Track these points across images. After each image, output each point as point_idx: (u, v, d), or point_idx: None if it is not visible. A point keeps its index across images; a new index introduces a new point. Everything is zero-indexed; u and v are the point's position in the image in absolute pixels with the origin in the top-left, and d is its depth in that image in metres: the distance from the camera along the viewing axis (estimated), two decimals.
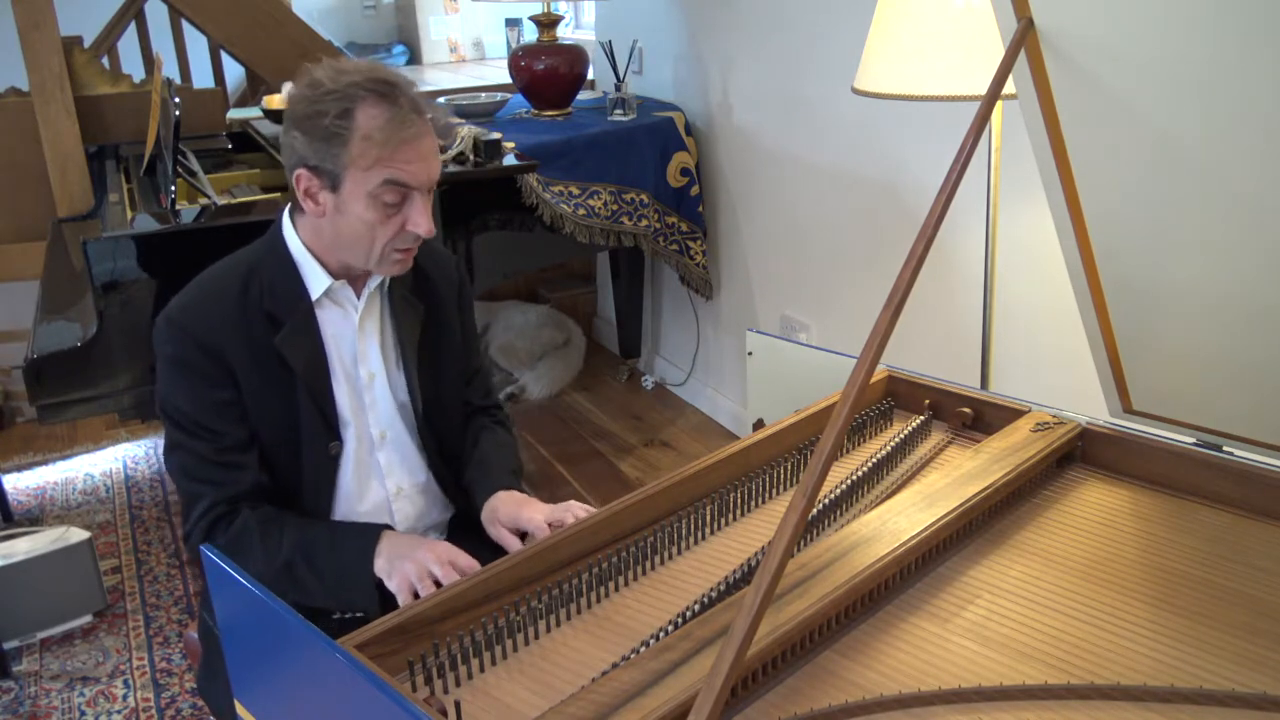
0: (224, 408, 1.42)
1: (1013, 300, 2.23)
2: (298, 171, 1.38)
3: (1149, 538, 1.23)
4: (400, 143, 1.34)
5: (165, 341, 1.42)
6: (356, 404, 1.51)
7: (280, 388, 1.44)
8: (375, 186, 1.35)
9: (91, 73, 3.23)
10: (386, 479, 1.56)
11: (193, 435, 1.42)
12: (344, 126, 1.33)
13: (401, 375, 1.55)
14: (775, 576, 0.88)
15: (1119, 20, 1.09)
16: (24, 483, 3.28)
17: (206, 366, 1.40)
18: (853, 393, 0.99)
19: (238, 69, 3.90)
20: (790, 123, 2.92)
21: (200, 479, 1.42)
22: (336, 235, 1.41)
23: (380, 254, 1.41)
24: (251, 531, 1.41)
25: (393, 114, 1.34)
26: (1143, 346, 1.38)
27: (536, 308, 3.96)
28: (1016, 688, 0.96)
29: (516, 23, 4.35)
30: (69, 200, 2.94)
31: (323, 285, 1.45)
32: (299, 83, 1.39)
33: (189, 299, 1.44)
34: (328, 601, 1.42)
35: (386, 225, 1.38)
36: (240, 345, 1.42)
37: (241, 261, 1.48)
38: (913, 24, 1.73)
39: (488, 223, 2.85)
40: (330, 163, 1.35)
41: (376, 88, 1.34)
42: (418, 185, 1.38)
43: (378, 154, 1.34)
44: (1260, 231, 1.15)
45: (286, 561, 1.39)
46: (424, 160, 1.38)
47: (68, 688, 2.34)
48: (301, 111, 1.36)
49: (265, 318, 1.43)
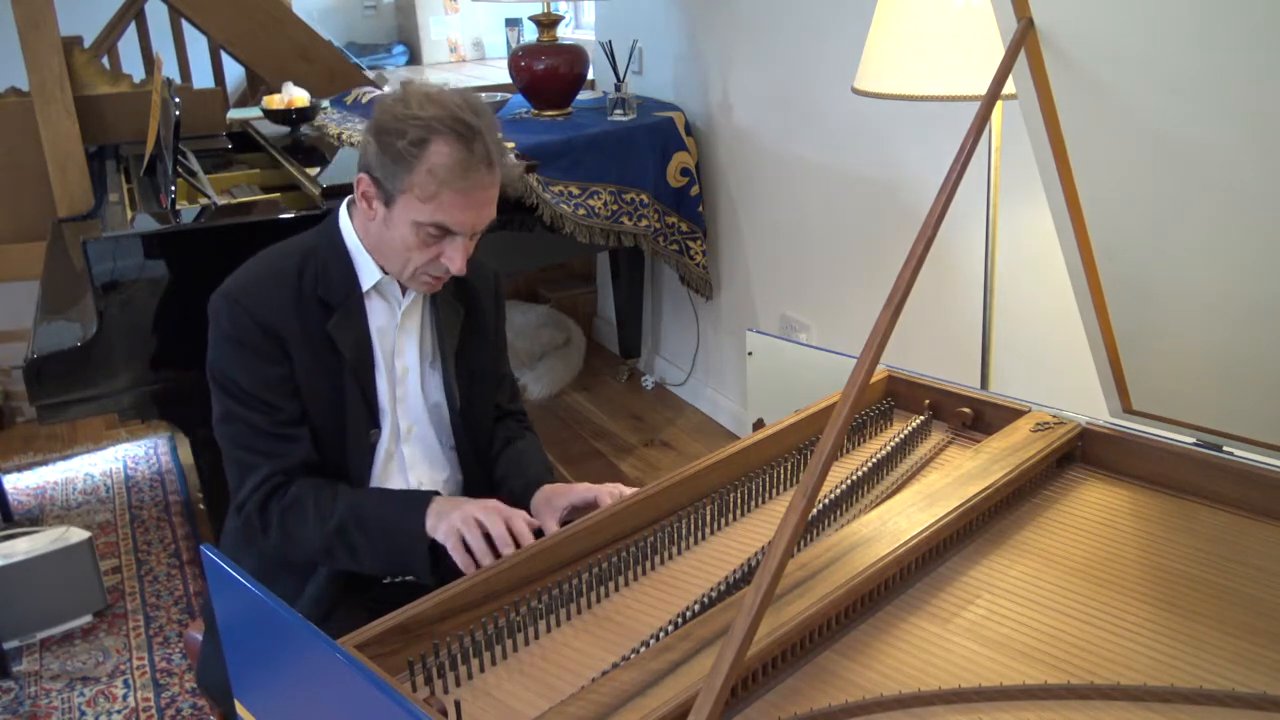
0: (279, 383, 1.46)
1: (1013, 300, 2.23)
2: (361, 175, 1.43)
3: (1149, 538, 1.23)
4: (460, 189, 1.38)
5: (224, 318, 1.45)
6: (391, 396, 1.55)
7: (329, 371, 1.48)
8: (423, 219, 1.39)
9: (91, 73, 3.23)
10: (409, 473, 1.58)
11: (249, 407, 1.45)
12: (414, 154, 1.36)
13: (436, 374, 1.59)
14: (775, 576, 0.88)
15: (1119, 20, 1.09)
16: (24, 483, 3.28)
17: (263, 344, 1.44)
18: (853, 393, 0.99)
19: (238, 69, 3.90)
20: (790, 123, 2.92)
21: (256, 450, 1.45)
22: (380, 241, 1.47)
23: (411, 274, 1.46)
24: (306, 498, 1.44)
25: (463, 159, 1.37)
26: (1143, 346, 1.38)
27: (536, 308, 3.96)
28: (1016, 688, 0.96)
29: (516, 23, 4.35)
30: (69, 200, 2.94)
31: (373, 278, 1.50)
32: (391, 93, 1.43)
33: (247, 278, 1.48)
34: (380, 565, 1.44)
35: (423, 252, 1.42)
36: (295, 326, 1.46)
37: (298, 246, 1.52)
38: (913, 24, 1.73)
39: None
40: (391, 181, 1.39)
41: (458, 128, 1.37)
42: (461, 231, 1.42)
43: (435, 190, 1.37)
44: (1260, 231, 1.15)
45: (339, 525, 1.42)
46: (477, 210, 1.41)
47: (68, 688, 2.34)
48: (384, 123, 1.39)
49: (318, 303, 1.47)
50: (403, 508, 1.42)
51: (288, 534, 1.43)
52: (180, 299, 2.27)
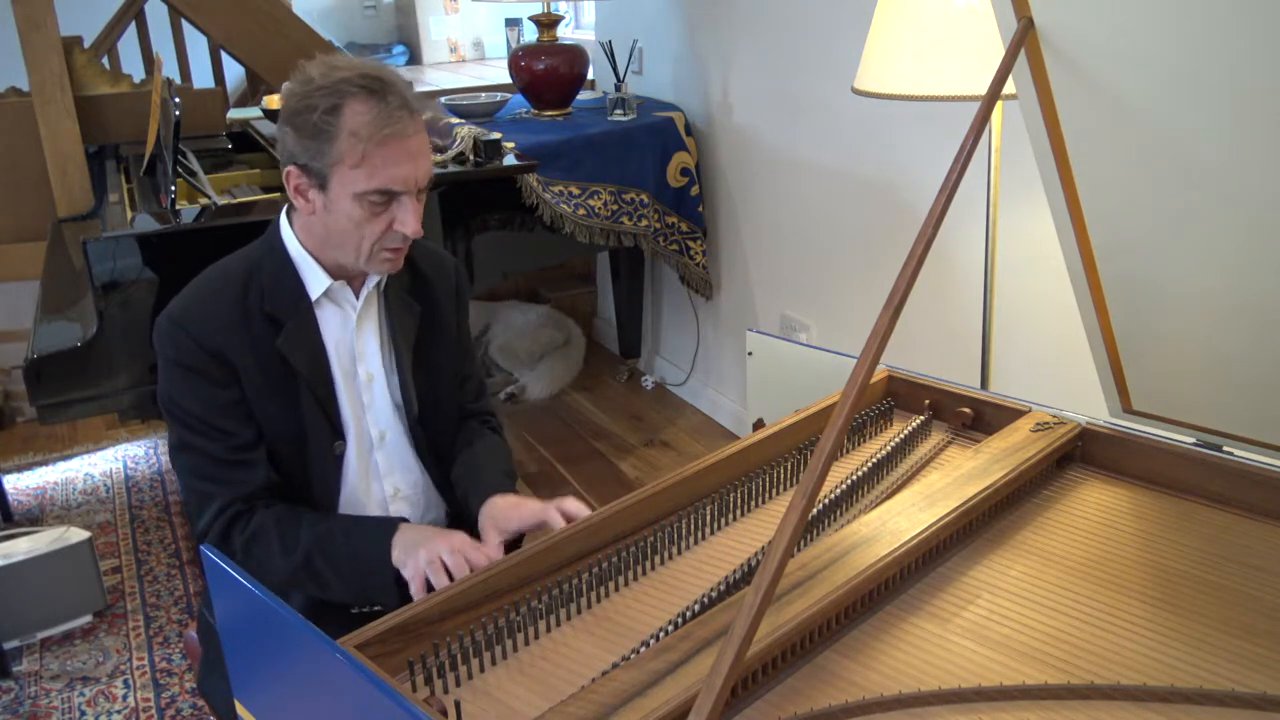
0: (231, 408, 1.41)
1: (1013, 300, 2.23)
2: (288, 169, 1.38)
3: (1148, 537, 1.23)
4: (386, 139, 1.32)
5: (167, 344, 1.40)
6: (356, 404, 1.51)
7: (283, 388, 1.44)
8: (361, 188, 1.34)
9: (91, 73, 3.23)
10: (384, 480, 1.56)
11: (202, 435, 1.41)
12: (331, 123, 1.31)
13: (397, 376, 1.55)
14: (775, 576, 0.88)
15: (1119, 20, 1.09)
16: (24, 483, 3.28)
17: (210, 368, 1.40)
18: (853, 393, 0.99)
19: (238, 69, 3.90)
20: (790, 123, 2.92)
21: (211, 479, 1.41)
22: (326, 233, 1.40)
23: (369, 253, 1.39)
24: (269, 529, 1.40)
25: (381, 110, 1.32)
26: (1143, 346, 1.38)
27: (536, 308, 3.96)
28: (1016, 688, 0.96)
29: (516, 23, 4.35)
30: (69, 200, 2.94)
31: (322, 286, 1.45)
32: (293, 78, 1.38)
33: (189, 300, 1.43)
34: (347, 596, 1.41)
35: (373, 223, 1.36)
36: (243, 346, 1.41)
37: (241, 262, 1.47)
38: (913, 24, 1.73)
39: (488, 223, 2.85)
40: (317, 160, 1.33)
41: (366, 84, 1.32)
42: (405, 189, 1.36)
43: (364, 151, 1.31)
44: (1261, 231, 1.15)
45: (305, 557, 1.38)
46: (412, 161, 1.35)
47: (68, 688, 2.34)
48: (292, 107, 1.34)
49: (266, 319, 1.42)
50: (368, 541, 1.38)
51: (252, 566, 1.38)
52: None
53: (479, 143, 2.70)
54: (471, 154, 2.71)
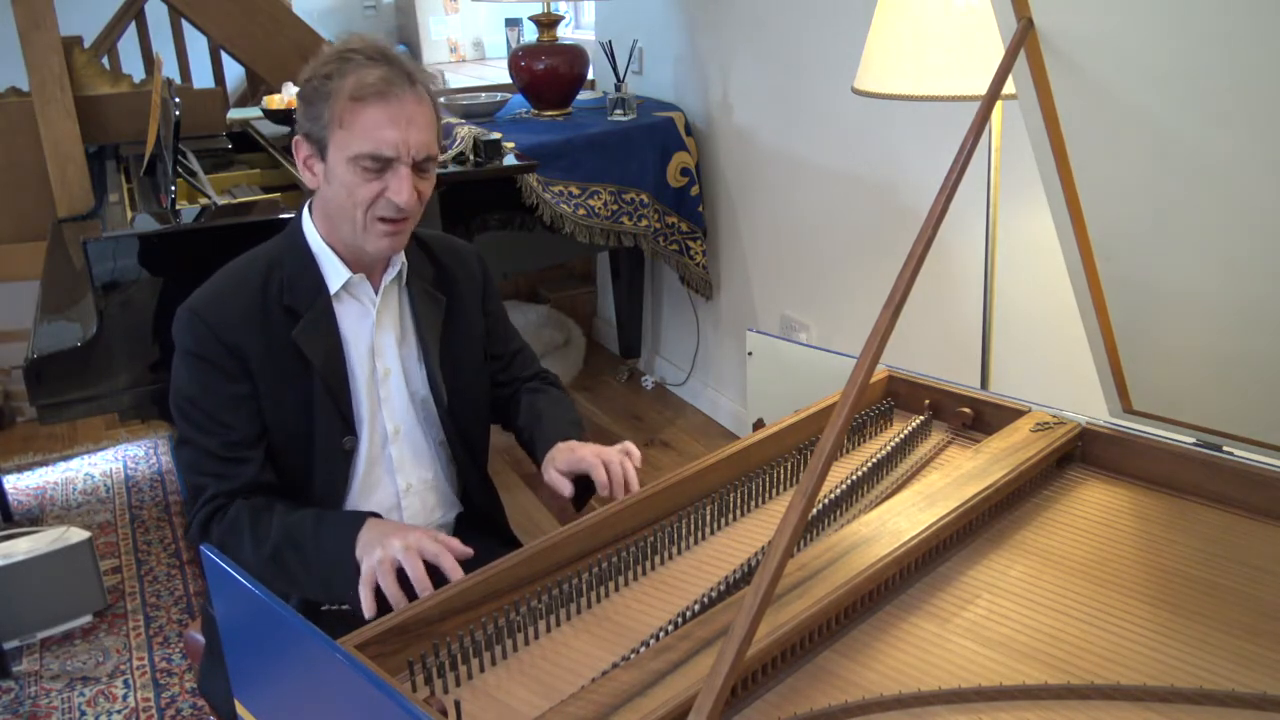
0: (237, 402, 1.41)
1: (1013, 300, 2.23)
2: (296, 139, 1.40)
3: (1149, 537, 1.23)
4: (376, 98, 1.33)
5: (185, 334, 1.41)
6: (372, 399, 1.51)
7: (297, 382, 1.44)
8: (353, 151, 1.34)
9: (91, 73, 3.23)
10: (397, 475, 1.55)
11: (202, 430, 1.41)
12: (330, 85, 1.34)
13: (421, 369, 1.55)
14: (775, 576, 0.88)
15: (1119, 20, 1.09)
16: (24, 483, 3.28)
17: (224, 360, 1.40)
18: (853, 393, 0.99)
19: (238, 69, 3.90)
20: (790, 123, 2.92)
21: (205, 473, 1.42)
22: (328, 206, 1.42)
23: (364, 223, 1.39)
24: (242, 521, 1.38)
25: (380, 74, 1.34)
26: (1142, 346, 1.38)
27: (536, 308, 3.96)
28: (1016, 688, 0.96)
29: (516, 23, 4.36)
30: (69, 200, 2.94)
31: (341, 279, 1.45)
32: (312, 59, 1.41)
33: (210, 292, 1.44)
34: (316, 592, 1.38)
35: (365, 188, 1.36)
36: (259, 340, 1.41)
37: (263, 255, 1.48)
38: (913, 24, 1.73)
39: (488, 223, 2.86)
40: (316, 124, 1.35)
41: (370, 53, 1.35)
42: (395, 155, 1.36)
43: (357, 111, 1.33)
44: (1261, 231, 1.15)
45: (274, 549, 1.36)
46: (404, 126, 1.35)
47: (68, 688, 2.34)
48: (303, 78, 1.38)
49: (284, 312, 1.43)
50: (334, 535, 1.33)
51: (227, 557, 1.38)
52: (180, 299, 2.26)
53: (479, 143, 2.70)
54: (471, 154, 2.71)
